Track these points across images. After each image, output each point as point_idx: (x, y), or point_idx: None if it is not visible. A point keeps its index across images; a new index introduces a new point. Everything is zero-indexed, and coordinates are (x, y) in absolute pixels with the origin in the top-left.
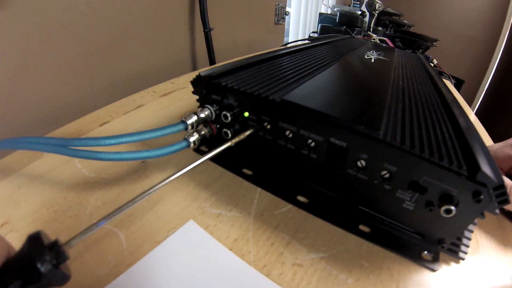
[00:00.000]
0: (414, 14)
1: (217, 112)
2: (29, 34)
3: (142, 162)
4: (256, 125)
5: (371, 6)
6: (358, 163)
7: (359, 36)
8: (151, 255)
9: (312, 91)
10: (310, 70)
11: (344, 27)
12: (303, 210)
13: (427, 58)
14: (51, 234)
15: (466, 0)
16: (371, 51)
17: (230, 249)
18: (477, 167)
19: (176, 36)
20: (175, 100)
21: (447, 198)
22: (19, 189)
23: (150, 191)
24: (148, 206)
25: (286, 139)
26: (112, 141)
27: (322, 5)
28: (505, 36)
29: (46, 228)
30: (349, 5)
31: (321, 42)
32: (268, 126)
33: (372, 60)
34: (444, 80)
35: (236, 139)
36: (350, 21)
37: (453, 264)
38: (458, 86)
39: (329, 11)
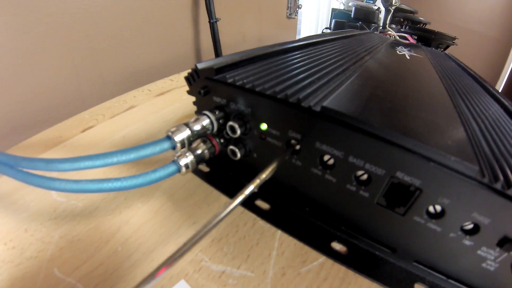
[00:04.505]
0: (428, 12)
1: (220, 121)
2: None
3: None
4: (281, 148)
5: (387, 1)
6: (431, 209)
7: (375, 32)
8: None
9: (359, 97)
10: (344, 67)
11: (360, 22)
12: (341, 264)
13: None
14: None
15: None
16: (400, 47)
17: None
18: None
19: (178, 27)
20: (172, 101)
21: None
22: None
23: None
24: (124, 254)
25: (325, 167)
26: (67, 166)
27: (335, 0)
28: None
29: None
30: (362, 0)
31: (343, 35)
32: (298, 146)
33: (407, 57)
34: None
35: (260, 181)
36: (367, 16)
37: None
38: None
39: (342, 7)
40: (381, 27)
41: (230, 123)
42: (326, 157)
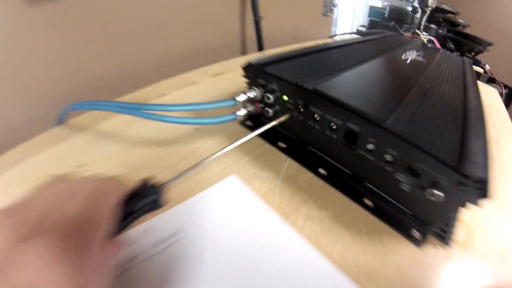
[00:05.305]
0: (472, 13)
1: (261, 93)
2: (89, 17)
3: (196, 128)
4: (292, 111)
5: (423, 2)
6: (368, 146)
7: (407, 34)
8: (201, 194)
9: (341, 84)
10: (346, 65)
11: (393, 22)
12: (322, 180)
13: (477, 62)
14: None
15: None
16: (411, 51)
17: (260, 198)
18: (465, 162)
19: (229, 21)
20: (224, 81)
21: (436, 184)
22: (94, 141)
23: (212, 157)
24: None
25: (314, 121)
26: (176, 107)
27: None
28: None
29: (113, 173)
30: None
31: (366, 39)
32: (302, 109)
33: (408, 61)
34: (491, 87)
35: (278, 121)
36: (400, 17)
37: (439, 248)
38: None
39: (380, 4)
40: (413, 29)
41: (267, 94)
42: (315, 115)
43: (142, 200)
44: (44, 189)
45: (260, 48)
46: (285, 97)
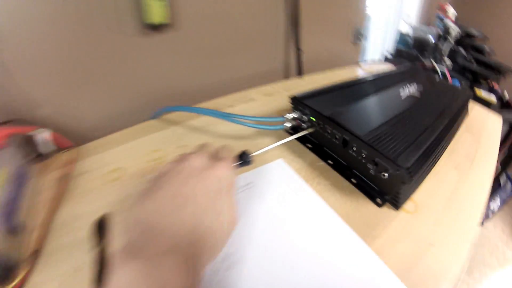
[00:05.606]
0: (502, 34)
1: (300, 114)
2: (189, 46)
3: (258, 131)
4: (316, 126)
5: (445, 31)
6: (353, 148)
7: (427, 62)
8: (262, 167)
9: (345, 112)
10: (354, 100)
11: (415, 51)
12: (329, 166)
13: (493, 90)
14: None
15: None
16: (411, 86)
17: (295, 172)
18: (401, 158)
19: (276, 52)
20: (273, 101)
21: (385, 170)
22: (188, 132)
23: (269, 147)
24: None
25: (327, 133)
26: (252, 118)
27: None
28: None
29: None
30: (429, 24)
31: (378, 76)
32: (321, 126)
33: (402, 98)
34: (496, 116)
35: (307, 131)
36: (421, 46)
37: (392, 211)
38: None
39: (409, 30)
40: (435, 57)
41: (302, 115)
42: (328, 130)
43: (242, 158)
44: (202, 146)
45: (299, 72)
46: (313, 118)
